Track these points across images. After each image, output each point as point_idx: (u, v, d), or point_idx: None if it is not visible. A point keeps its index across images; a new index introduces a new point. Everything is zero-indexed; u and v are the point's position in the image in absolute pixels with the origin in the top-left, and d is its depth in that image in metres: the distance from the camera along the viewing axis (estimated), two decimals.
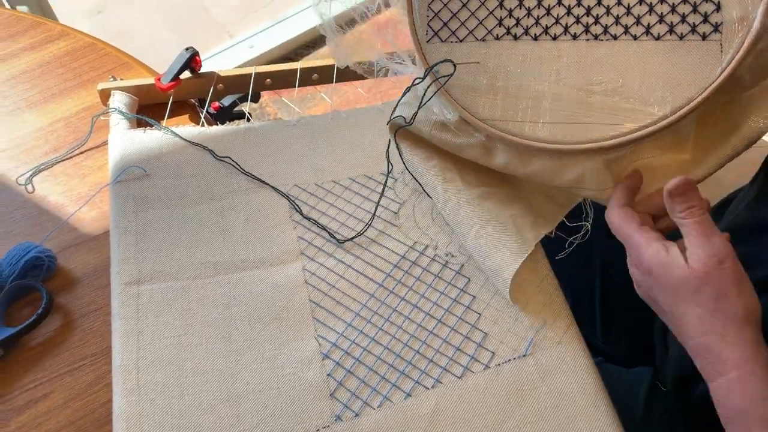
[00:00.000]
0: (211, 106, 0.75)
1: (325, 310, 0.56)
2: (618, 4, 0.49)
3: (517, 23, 0.52)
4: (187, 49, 0.69)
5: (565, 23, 0.50)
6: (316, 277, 0.58)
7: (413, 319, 0.55)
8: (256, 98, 0.76)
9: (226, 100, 0.77)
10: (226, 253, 0.59)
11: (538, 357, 0.52)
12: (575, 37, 0.50)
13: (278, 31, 1.89)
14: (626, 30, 0.48)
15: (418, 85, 0.54)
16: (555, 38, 0.51)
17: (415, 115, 0.55)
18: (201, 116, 0.70)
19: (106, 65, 0.77)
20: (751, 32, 0.43)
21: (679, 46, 0.47)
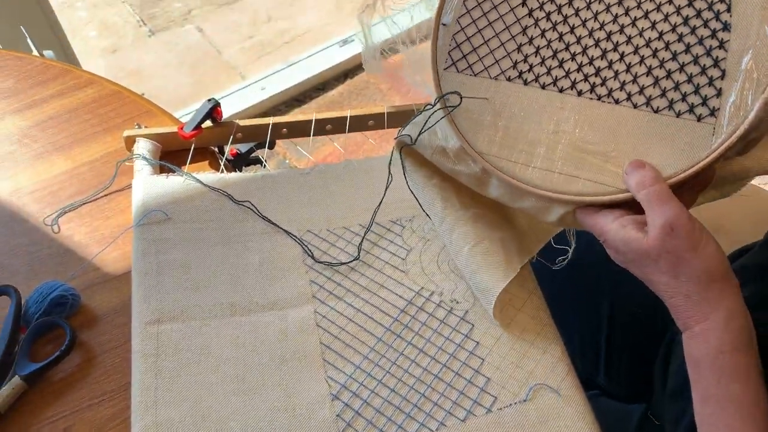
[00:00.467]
0: (230, 152, 0.79)
1: (335, 352, 0.59)
2: (626, 71, 0.51)
3: (530, 69, 0.54)
4: (209, 100, 0.74)
5: (574, 78, 0.53)
6: (327, 320, 0.61)
7: (419, 363, 0.58)
8: (272, 145, 0.80)
9: (243, 147, 0.80)
10: (242, 295, 0.62)
11: (537, 402, 0.55)
12: (580, 94, 0.52)
13: (289, 73, 1.95)
14: (629, 97, 0.51)
15: (429, 109, 0.57)
16: (561, 90, 0.53)
17: (419, 137, 0.58)
18: (221, 163, 0.74)
19: (130, 112, 0.81)
20: (745, 123, 0.45)
21: (674, 122, 0.49)
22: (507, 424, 0.54)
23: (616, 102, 0.51)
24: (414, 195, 0.64)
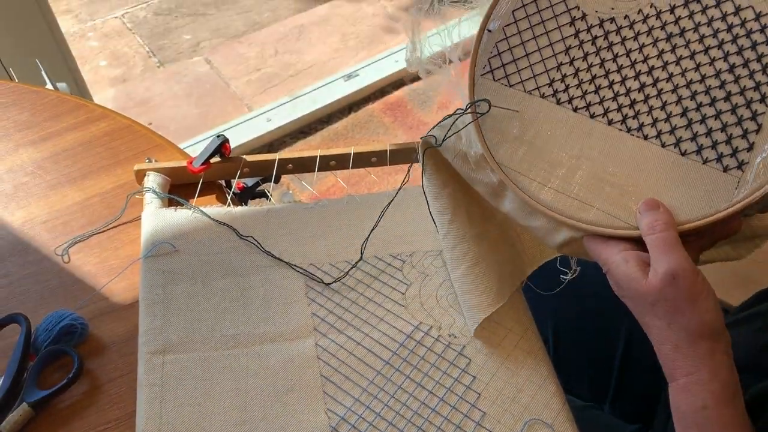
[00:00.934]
0: (236, 186, 0.81)
1: (335, 384, 0.60)
2: (662, 108, 0.50)
3: (566, 90, 0.54)
4: (218, 136, 0.76)
5: (607, 107, 0.52)
6: (327, 353, 0.62)
7: (417, 397, 0.59)
8: (277, 179, 0.82)
9: (249, 181, 0.83)
10: (245, 327, 0.64)
11: None
12: (610, 123, 0.52)
13: (294, 106, 1.99)
14: (658, 135, 0.50)
15: (459, 114, 0.57)
16: (593, 116, 0.53)
17: (444, 140, 0.58)
18: (227, 196, 0.76)
19: (141, 146, 0.84)
20: None
21: (699, 168, 0.48)
22: None
23: (645, 137, 0.51)
24: (426, 198, 0.64)
